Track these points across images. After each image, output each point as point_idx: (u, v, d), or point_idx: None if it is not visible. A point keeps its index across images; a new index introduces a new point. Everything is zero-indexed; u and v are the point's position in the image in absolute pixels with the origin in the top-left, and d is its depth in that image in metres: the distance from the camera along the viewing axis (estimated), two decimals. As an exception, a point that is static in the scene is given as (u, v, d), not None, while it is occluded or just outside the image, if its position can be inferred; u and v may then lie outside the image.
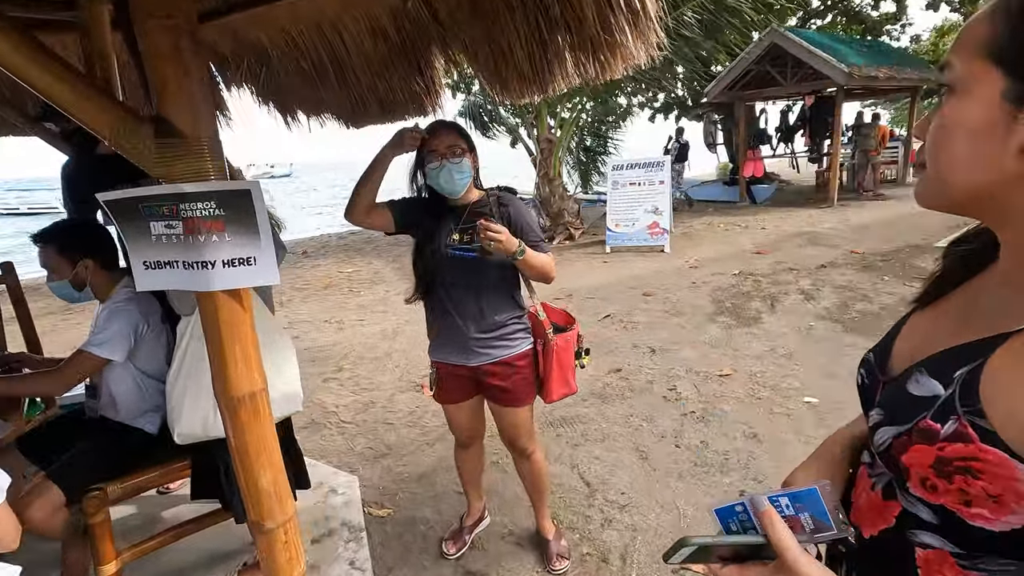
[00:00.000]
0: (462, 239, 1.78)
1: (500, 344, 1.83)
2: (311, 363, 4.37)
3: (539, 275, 1.82)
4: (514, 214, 1.80)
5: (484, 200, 1.84)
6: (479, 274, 1.78)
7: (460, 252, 1.77)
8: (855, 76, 9.22)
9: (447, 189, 1.76)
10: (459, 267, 1.77)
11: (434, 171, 1.74)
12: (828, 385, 3.38)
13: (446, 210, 1.83)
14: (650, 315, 4.92)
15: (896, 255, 6.37)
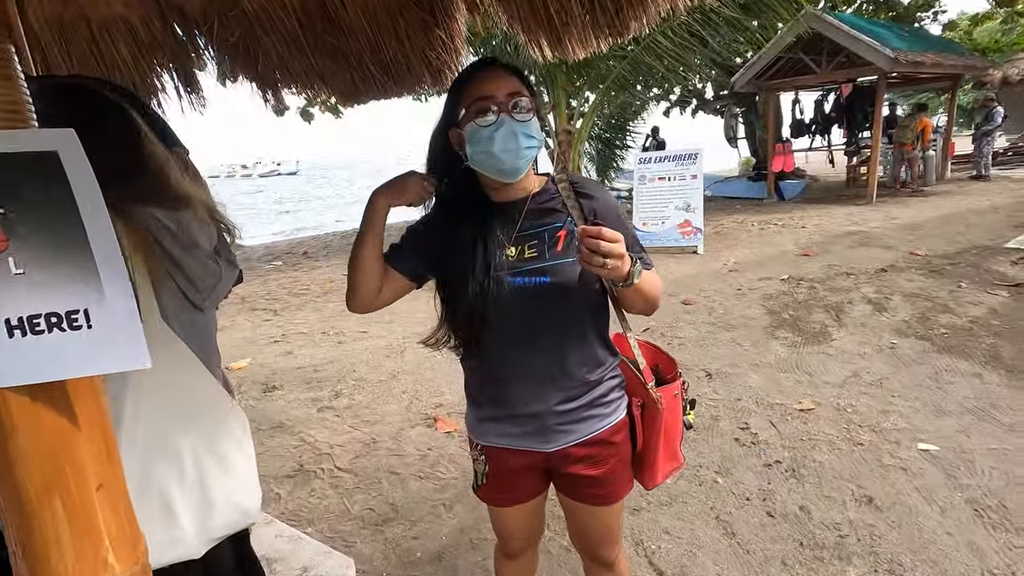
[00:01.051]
0: (523, 254, 1.12)
1: (591, 414, 1.19)
2: (305, 386, 3.74)
3: (647, 307, 1.17)
4: (603, 211, 1.13)
5: (550, 188, 1.18)
6: (557, 309, 1.12)
7: (524, 280, 1.11)
8: (901, 61, 8.47)
9: (506, 164, 1.07)
10: (524, 302, 1.11)
11: (485, 133, 1.06)
12: (941, 426, 2.70)
13: (487, 211, 1.16)
14: (697, 329, 4.25)
15: (963, 257, 5.65)
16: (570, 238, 1.12)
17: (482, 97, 1.07)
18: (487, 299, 1.09)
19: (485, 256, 1.11)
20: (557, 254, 1.11)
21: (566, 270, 1.10)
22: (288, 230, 15.28)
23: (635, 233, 1.20)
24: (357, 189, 35.83)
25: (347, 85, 2.66)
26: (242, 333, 5.05)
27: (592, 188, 1.19)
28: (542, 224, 1.14)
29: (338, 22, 2.37)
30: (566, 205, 1.15)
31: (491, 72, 1.10)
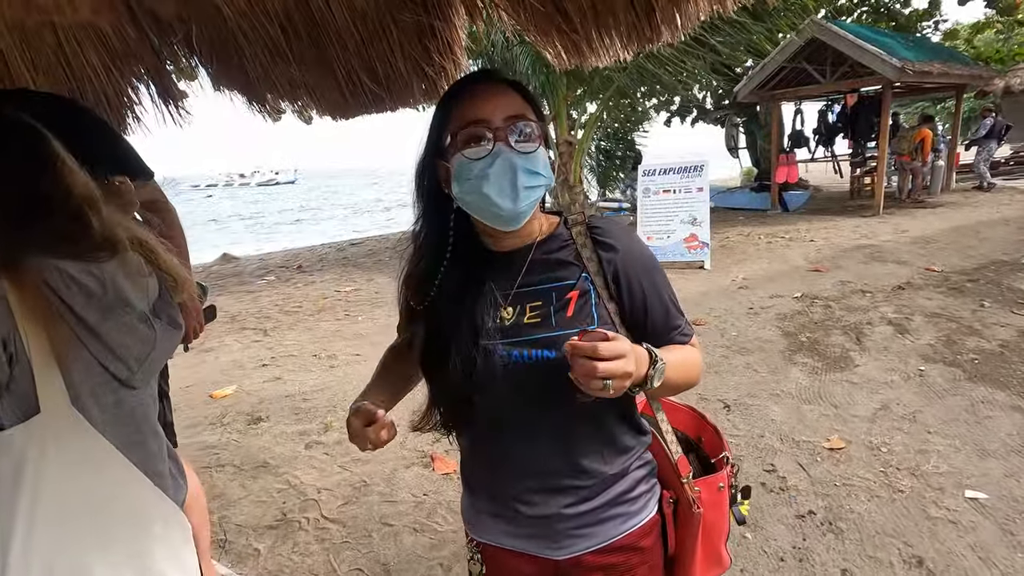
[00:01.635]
0: (522, 318, 0.88)
1: (612, 514, 0.94)
2: (293, 418, 3.49)
3: (678, 392, 0.93)
4: (627, 267, 0.90)
5: (561, 234, 0.93)
6: (565, 389, 0.81)
7: (522, 353, 0.86)
8: (908, 71, 8.31)
9: (503, 209, 0.83)
10: (521, 381, 0.86)
11: (476, 168, 0.83)
12: (987, 469, 2.47)
13: (482, 261, 0.92)
14: (710, 353, 4.01)
15: (982, 273, 5.44)
16: (584, 300, 0.88)
17: (473, 121, 0.83)
18: (473, 375, 0.85)
19: (473, 319, 0.87)
20: (566, 321, 0.87)
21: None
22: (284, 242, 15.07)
23: (672, 294, 0.95)
24: (357, 200, 35.68)
25: (336, 97, 2.44)
26: (230, 356, 4.80)
27: (615, 234, 0.93)
28: (549, 280, 0.90)
29: (325, 29, 2.15)
30: (581, 256, 0.90)
31: (486, 89, 0.86)
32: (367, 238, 12.73)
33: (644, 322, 0.91)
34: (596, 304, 0.89)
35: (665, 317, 0.92)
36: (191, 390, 4.01)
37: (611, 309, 0.89)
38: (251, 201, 39.24)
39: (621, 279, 0.90)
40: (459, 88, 0.88)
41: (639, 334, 0.90)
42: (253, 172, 74.98)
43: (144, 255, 0.92)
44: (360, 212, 26.09)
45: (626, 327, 0.91)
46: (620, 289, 0.90)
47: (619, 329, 0.89)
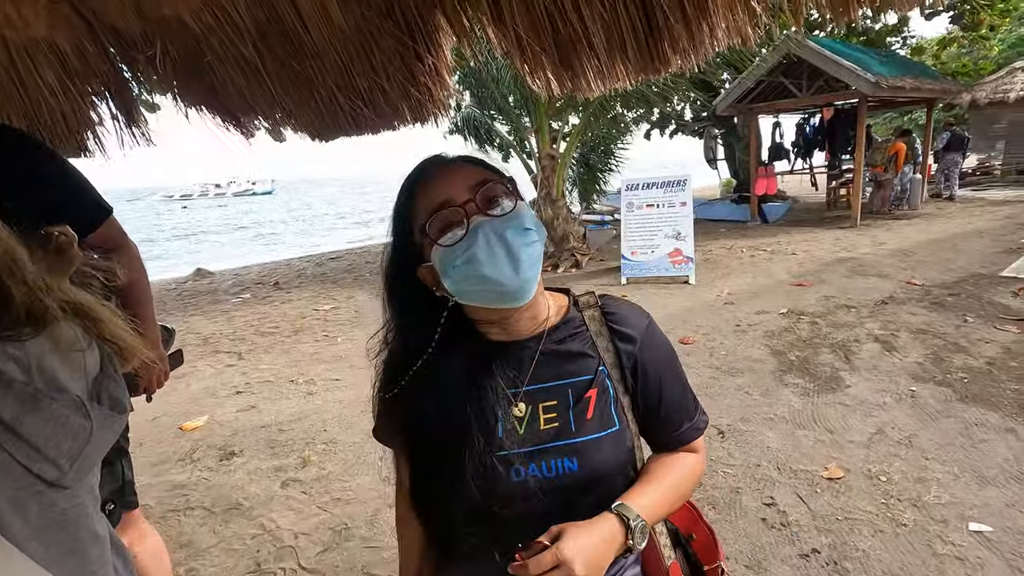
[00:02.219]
0: (536, 420, 0.79)
1: None
2: (269, 452, 3.30)
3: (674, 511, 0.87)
4: (643, 359, 0.83)
5: (573, 319, 0.85)
6: (585, 504, 0.76)
7: (540, 468, 0.77)
8: (882, 86, 8.46)
9: (507, 283, 0.73)
10: (536, 499, 0.76)
11: (459, 253, 0.73)
12: (988, 498, 2.41)
13: (485, 354, 0.81)
14: (700, 374, 3.94)
15: (962, 287, 5.49)
16: (604, 398, 0.81)
17: (437, 206, 0.75)
18: (488, 492, 0.75)
19: (484, 423, 0.76)
20: (587, 424, 0.79)
21: (603, 448, 0.79)
22: (260, 256, 14.73)
23: (686, 384, 0.89)
24: (338, 211, 35.25)
25: (315, 118, 2.31)
26: (202, 383, 4.57)
27: (633, 323, 0.85)
28: (564, 375, 0.81)
29: (302, 48, 2.02)
30: (596, 346, 0.83)
31: (439, 170, 0.78)
32: (347, 251, 12.51)
33: (657, 418, 0.86)
34: (614, 402, 0.82)
35: (679, 413, 0.87)
36: (159, 422, 3.79)
37: (625, 404, 0.83)
38: (227, 212, 38.50)
39: (639, 373, 0.83)
40: (412, 182, 0.80)
41: (650, 428, 0.87)
42: (229, 182, 73.72)
43: (82, 324, 0.78)
44: (341, 225, 25.74)
45: (638, 422, 0.86)
46: (637, 383, 0.84)
47: (631, 425, 0.84)
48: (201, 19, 2.06)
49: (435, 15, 1.74)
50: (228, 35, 2.07)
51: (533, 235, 0.76)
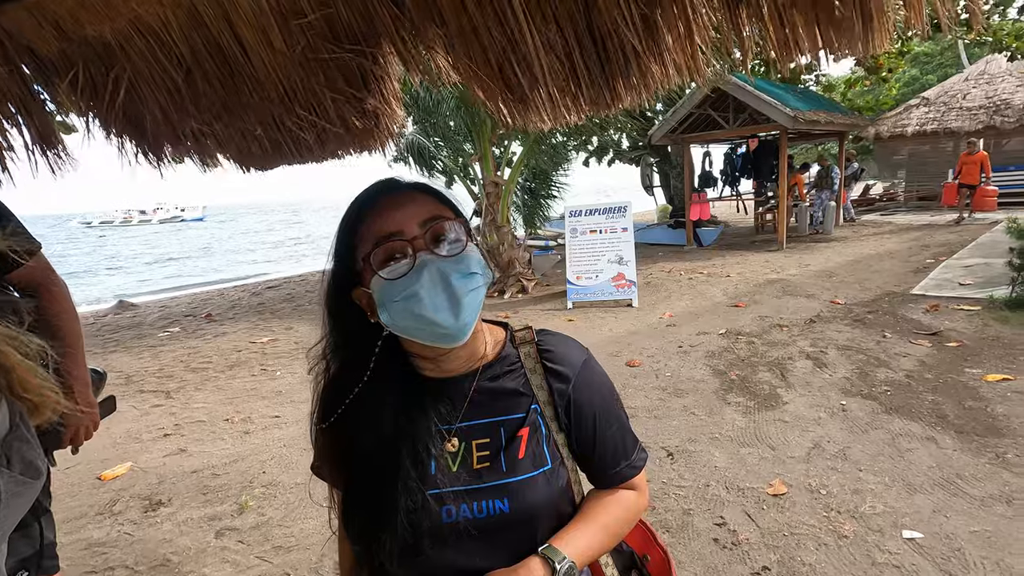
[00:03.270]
0: (469, 460, 0.78)
1: None
2: (201, 499, 3.06)
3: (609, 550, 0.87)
4: (578, 398, 0.82)
5: (509, 355, 0.84)
6: (514, 544, 0.76)
7: (471, 510, 0.76)
8: (800, 119, 9.16)
9: (444, 325, 0.72)
10: (465, 541, 0.75)
11: (400, 288, 0.72)
12: (918, 506, 2.56)
13: (419, 392, 0.80)
14: (647, 396, 4.01)
15: (879, 305, 5.92)
16: (536, 437, 0.80)
17: (385, 236, 0.73)
18: (417, 528, 0.74)
19: (416, 459, 0.75)
20: (519, 464, 0.78)
21: (535, 489, 0.77)
22: (189, 285, 13.95)
23: (625, 423, 0.88)
24: (276, 237, 34.04)
25: (254, 147, 2.22)
26: (124, 426, 4.22)
27: (568, 359, 0.84)
28: (495, 412, 0.81)
29: (241, 77, 1.95)
30: (530, 384, 0.82)
31: (393, 199, 0.76)
32: (285, 279, 12.06)
33: (591, 456, 0.85)
34: (546, 440, 0.81)
35: (616, 452, 0.86)
36: (74, 472, 3.44)
37: (559, 441, 0.83)
38: (153, 240, 36.39)
39: (572, 412, 0.83)
40: (362, 204, 0.78)
41: (587, 466, 0.87)
42: (156, 208, 69.85)
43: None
44: (279, 252, 24.85)
45: (574, 458, 0.86)
46: (571, 423, 0.83)
47: (567, 462, 0.84)
48: (129, 42, 1.96)
49: (383, 43, 1.73)
50: (159, 59, 1.98)
51: (478, 279, 0.76)
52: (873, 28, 0.63)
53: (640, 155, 15.54)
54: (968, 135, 13.36)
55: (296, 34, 1.74)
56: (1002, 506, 2.50)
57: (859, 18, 0.63)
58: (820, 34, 0.71)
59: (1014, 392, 3.57)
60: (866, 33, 0.66)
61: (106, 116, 2.21)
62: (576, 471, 0.86)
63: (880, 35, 0.65)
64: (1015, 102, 13.03)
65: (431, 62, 1.53)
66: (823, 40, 0.72)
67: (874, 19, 0.62)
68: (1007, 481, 2.68)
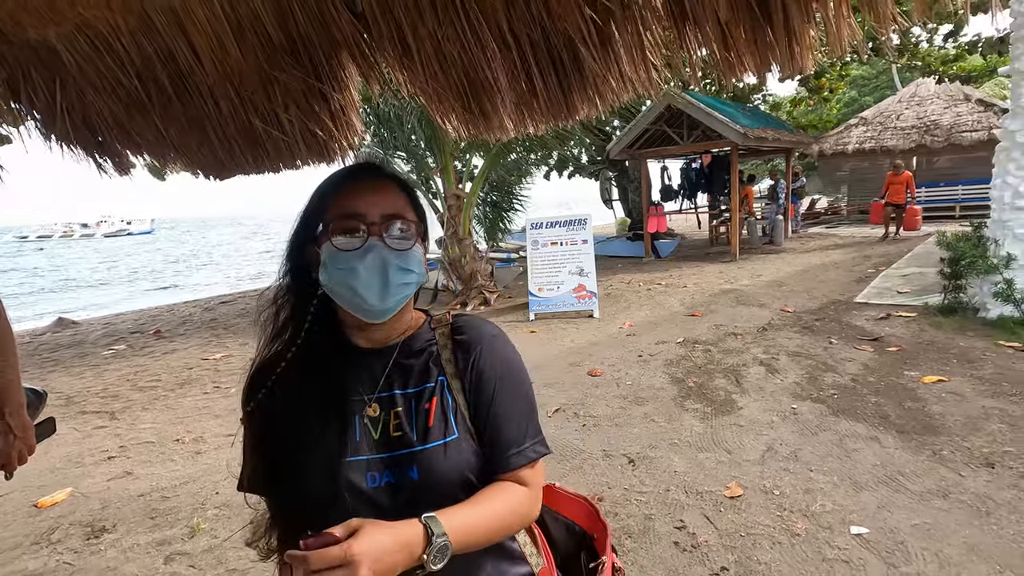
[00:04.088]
0: (387, 429, 0.83)
1: None
2: (148, 524, 2.92)
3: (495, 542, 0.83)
4: (479, 367, 0.87)
5: (423, 333, 0.92)
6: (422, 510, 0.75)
7: (384, 476, 0.80)
8: (749, 136, 9.56)
9: (369, 303, 0.81)
10: (384, 504, 0.79)
11: (344, 259, 0.81)
12: (863, 503, 2.68)
13: (342, 359, 0.86)
14: (608, 404, 4.07)
15: (826, 312, 6.21)
16: (443, 408, 0.85)
17: (350, 214, 0.82)
18: (331, 491, 0.77)
19: (341, 429, 0.81)
20: (429, 432, 0.82)
21: (439, 458, 0.81)
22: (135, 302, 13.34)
23: (527, 406, 0.89)
24: (229, 251, 32.96)
25: (207, 155, 2.17)
26: (64, 449, 3.98)
27: (475, 336, 0.90)
28: (408, 384, 0.87)
29: (195, 84, 1.91)
30: (440, 358, 0.88)
31: (369, 184, 0.85)
32: (239, 294, 11.69)
33: (486, 429, 0.85)
34: (453, 411, 0.85)
35: (517, 429, 0.86)
36: (8, 500, 3.23)
37: (466, 414, 0.86)
38: (95, 254, 34.67)
39: (474, 379, 0.87)
40: (341, 178, 0.87)
41: (489, 438, 0.86)
42: (99, 221, 66.59)
43: None
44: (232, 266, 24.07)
45: (479, 432, 0.86)
46: (474, 394, 0.86)
47: (464, 432, 0.85)
48: (74, 46, 1.90)
49: (341, 54, 1.73)
50: (107, 65, 1.92)
51: (412, 277, 0.85)
52: (799, 48, 0.69)
53: (599, 169, 15.88)
54: (903, 152, 14.25)
55: (252, 43, 1.72)
56: (939, 499, 2.64)
57: (786, 39, 0.69)
58: (757, 52, 0.77)
59: (948, 393, 3.80)
60: (792, 53, 0.72)
61: (49, 123, 2.12)
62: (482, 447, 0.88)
63: (804, 55, 0.71)
64: (943, 123, 13.98)
65: (390, 75, 1.55)
66: (759, 58, 0.79)
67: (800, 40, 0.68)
68: (943, 476, 2.84)
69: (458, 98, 1.37)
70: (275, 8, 1.64)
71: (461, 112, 1.45)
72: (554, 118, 1.17)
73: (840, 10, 0.66)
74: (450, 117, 1.55)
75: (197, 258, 29.10)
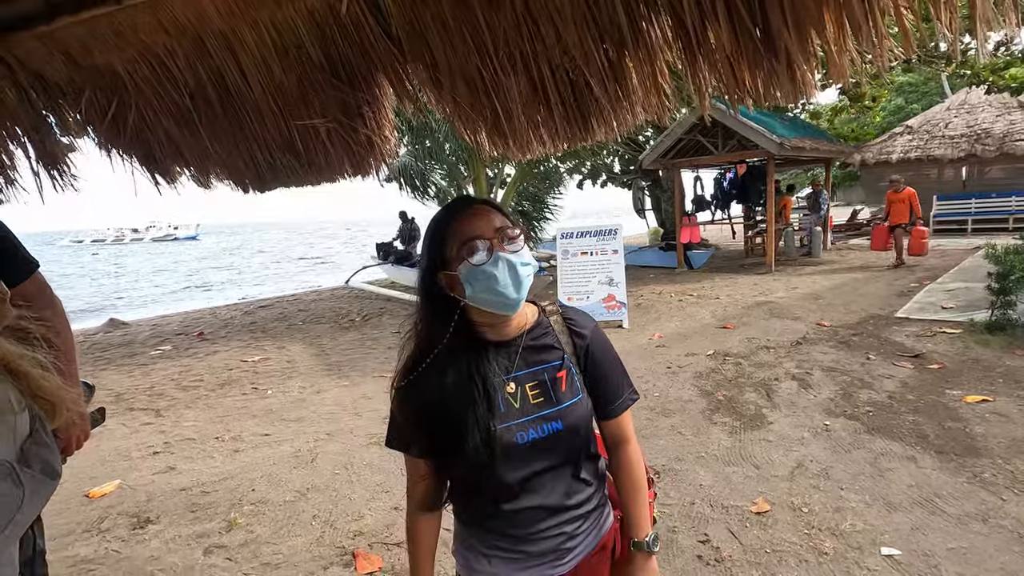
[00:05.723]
0: (527, 398, 1.08)
1: (595, 526, 1.18)
2: (190, 517, 3.07)
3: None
4: (596, 352, 1.15)
5: (543, 322, 1.16)
6: (568, 450, 1.10)
7: (537, 431, 1.06)
8: (786, 146, 9.39)
9: (510, 297, 1.03)
10: (536, 454, 1.07)
11: (483, 271, 1.01)
12: (896, 523, 2.61)
13: (484, 350, 1.08)
14: (636, 416, 4.02)
15: (864, 327, 6.03)
16: (570, 376, 1.12)
17: (474, 237, 1.02)
18: (494, 451, 1.02)
19: (488, 400, 1.04)
20: (562, 394, 1.10)
21: (576, 411, 1.10)
22: (182, 304, 13.91)
23: (622, 367, 1.21)
24: (271, 256, 34.03)
25: (251, 170, 2.31)
26: (113, 443, 4.21)
27: (584, 324, 1.18)
28: (540, 362, 1.12)
29: (241, 101, 2.04)
30: (560, 341, 1.14)
31: (475, 211, 1.06)
32: (278, 299, 12.07)
33: (601, 391, 1.16)
34: (577, 378, 1.12)
35: (618, 387, 1.18)
36: (62, 489, 3.42)
37: (582, 382, 1.13)
38: (145, 258, 36.29)
39: (589, 359, 1.14)
40: (450, 214, 1.07)
41: (597, 399, 1.15)
42: (148, 227, 69.64)
43: (16, 383, 0.76)
44: (273, 271, 24.82)
45: (590, 392, 1.15)
46: (588, 366, 1.14)
47: (584, 393, 1.13)
48: (136, 69, 2.05)
49: (377, 76, 1.83)
50: (164, 85, 2.07)
51: (530, 268, 1.06)
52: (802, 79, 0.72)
53: (632, 179, 15.79)
54: (952, 162, 13.74)
55: (295, 64, 1.84)
56: (978, 524, 2.55)
57: (787, 71, 0.72)
58: (761, 82, 0.80)
59: (992, 413, 3.66)
60: (793, 83, 0.75)
61: (109, 137, 2.29)
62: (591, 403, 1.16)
63: (808, 85, 0.74)
64: (995, 131, 13.42)
65: (423, 94, 1.63)
66: (764, 88, 0.82)
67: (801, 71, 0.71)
68: (984, 500, 2.74)
69: (483, 117, 1.44)
70: (317, 33, 1.75)
71: (486, 130, 1.51)
72: (573, 139, 1.23)
73: (842, 43, 0.69)
74: (477, 135, 1.62)
75: (242, 261, 30.12)
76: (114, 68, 2.05)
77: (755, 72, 0.80)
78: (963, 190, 14.35)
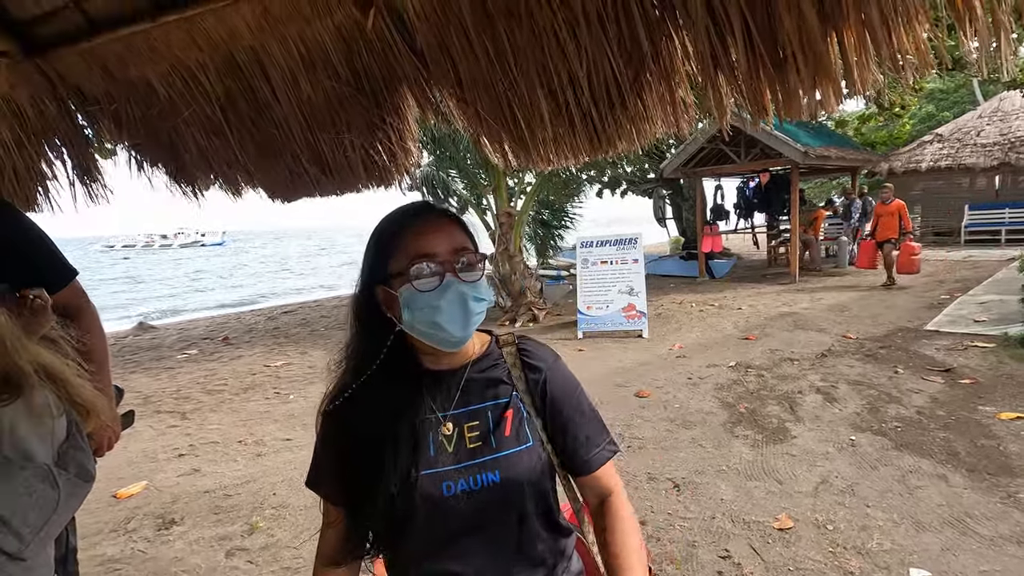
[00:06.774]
0: (463, 440, 0.90)
1: None
2: (213, 519, 3.12)
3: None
4: (550, 387, 0.95)
5: (493, 352, 0.98)
6: (505, 510, 0.89)
7: (468, 482, 0.87)
8: (811, 155, 9.26)
9: (454, 335, 0.87)
10: (462, 509, 0.87)
11: (426, 299, 0.85)
12: (926, 544, 2.53)
13: (419, 381, 0.92)
14: (655, 427, 4.02)
15: (892, 340, 5.88)
16: (519, 418, 0.93)
17: (423, 255, 0.86)
18: (413, 506, 0.85)
19: (414, 446, 0.87)
20: (505, 440, 0.91)
21: (521, 462, 0.90)
22: (209, 307, 14.22)
23: (596, 413, 1.00)
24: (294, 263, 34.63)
25: (277, 180, 2.36)
26: (141, 444, 4.31)
27: (541, 356, 0.99)
28: (484, 398, 0.94)
29: (270, 113, 2.10)
30: (511, 375, 0.96)
31: (431, 223, 0.89)
32: (300, 304, 12.26)
33: (566, 439, 0.95)
34: (527, 421, 0.93)
35: (588, 435, 0.96)
36: (92, 488, 3.52)
37: (538, 425, 0.95)
38: (173, 264, 37.22)
39: (547, 400, 0.95)
40: (403, 220, 0.90)
41: (564, 451, 0.95)
42: (176, 233, 71.56)
43: (55, 388, 0.79)
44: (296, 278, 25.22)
45: (554, 441, 0.95)
46: (547, 408, 0.95)
47: (545, 445, 0.94)
48: (169, 83, 2.12)
49: (402, 89, 1.86)
50: (196, 98, 2.13)
51: (484, 304, 0.90)
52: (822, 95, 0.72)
53: (653, 188, 15.71)
54: (984, 171, 13.37)
55: (322, 78, 1.88)
56: (1013, 546, 2.46)
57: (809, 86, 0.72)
58: (779, 98, 0.80)
59: (1028, 431, 3.53)
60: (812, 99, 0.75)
61: (140, 146, 2.37)
62: (553, 455, 0.95)
63: (827, 100, 0.74)
64: (1030, 139, 13.02)
65: (445, 108, 1.66)
66: (785, 104, 0.82)
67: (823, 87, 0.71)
68: (1019, 522, 2.64)
69: (506, 130, 1.46)
70: (344, 47, 1.80)
71: (508, 143, 1.53)
72: (594, 151, 1.24)
73: (863, 59, 0.69)
74: (497, 148, 1.64)
75: (266, 268, 30.71)
76: (149, 81, 2.12)
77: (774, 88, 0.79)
78: (996, 200, 13.94)
